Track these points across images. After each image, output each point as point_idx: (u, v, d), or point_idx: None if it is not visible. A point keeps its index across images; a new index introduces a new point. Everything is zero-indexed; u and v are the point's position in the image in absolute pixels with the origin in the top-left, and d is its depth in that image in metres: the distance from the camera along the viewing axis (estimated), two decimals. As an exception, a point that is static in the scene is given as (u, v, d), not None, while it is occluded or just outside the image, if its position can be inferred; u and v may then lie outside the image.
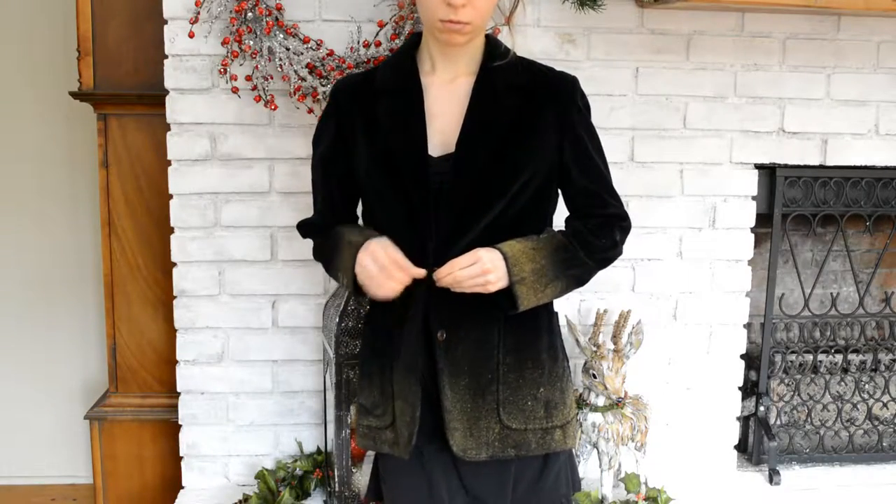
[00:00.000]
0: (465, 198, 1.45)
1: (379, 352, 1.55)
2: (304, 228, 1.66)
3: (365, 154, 1.50)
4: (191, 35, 2.09)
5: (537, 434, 1.51)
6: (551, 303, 1.57)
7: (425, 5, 1.42)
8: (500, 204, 1.45)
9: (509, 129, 1.47)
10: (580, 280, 1.52)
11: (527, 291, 1.43)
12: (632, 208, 2.30)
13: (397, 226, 1.47)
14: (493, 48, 1.51)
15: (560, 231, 1.53)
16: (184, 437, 2.35)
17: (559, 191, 1.57)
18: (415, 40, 1.55)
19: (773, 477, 2.41)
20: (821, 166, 2.38)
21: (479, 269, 1.40)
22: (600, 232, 1.52)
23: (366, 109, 1.50)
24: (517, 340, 1.51)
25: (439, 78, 1.50)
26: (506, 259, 1.42)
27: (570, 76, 1.54)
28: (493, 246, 1.44)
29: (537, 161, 1.47)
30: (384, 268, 1.40)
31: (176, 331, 2.30)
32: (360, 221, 1.63)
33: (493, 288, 1.42)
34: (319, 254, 1.63)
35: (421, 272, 1.42)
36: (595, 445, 2.19)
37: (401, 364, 1.49)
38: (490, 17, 1.47)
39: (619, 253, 1.56)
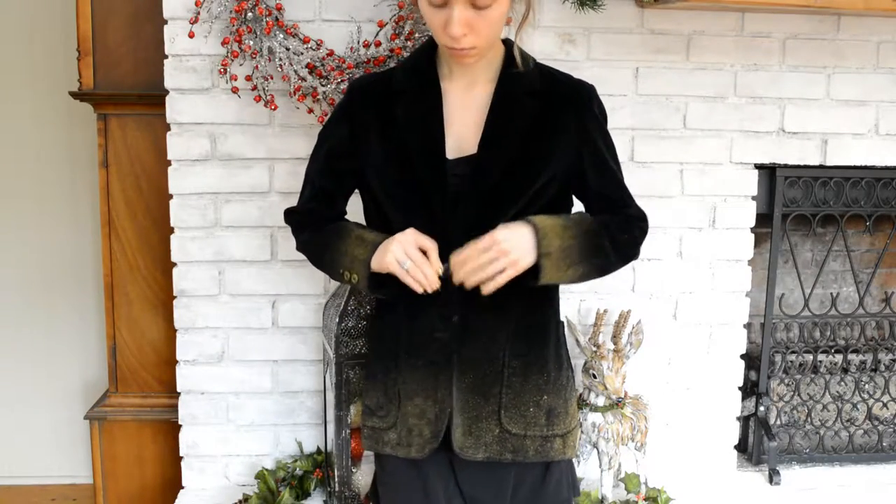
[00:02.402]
0: (482, 200, 1.45)
1: (383, 352, 1.54)
2: (292, 216, 1.62)
3: (379, 153, 1.49)
4: (191, 35, 2.09)
5: (536, 441, 1.51)
6: (559, 312, 1.59)
7: (430, 26, 1.41)
8: (515, 207, 1.45)
9: (528, 134, 1.47)
10: (602, 270, 1.50)
11: (550, 267, 1.41)
12: (632, 208, 2.31)
13: (413, 225, 1.45)
14: (512, 53, 1.51)
15: (593, 218, 1.51)
16: (184, 437, 2.35)
17: (574, 196, 1.58)
18: (433, 42, 1.53)
19: (773, 477, 2.41)
20: (821, 166, 2.38)
21: (497, 251, 1.37)
22: (625, 227, 1.52)
23: (382, 110, 1.50)
24: (526, 345, 1.51)
25: (457, 83, 1.50)
26: (536, 231, 1.40)
27: (587, 84, 1.55)
28: (524, 218, 1.42)
29: (554, 166, 1.48)
30: (420, 261, 1.39)
31: (176, 331, 2.30)
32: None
33: (520, 266, 1.39)
34: (311, 244, 1.59)
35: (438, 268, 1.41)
36: (595, 445, 2.19)
37: (419, 361, 1.48)
38: (499, 33, 1.46)
39: (638, 254, 1.56)
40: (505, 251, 1.37)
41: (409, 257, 1.39)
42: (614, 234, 1.49)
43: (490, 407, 1.49)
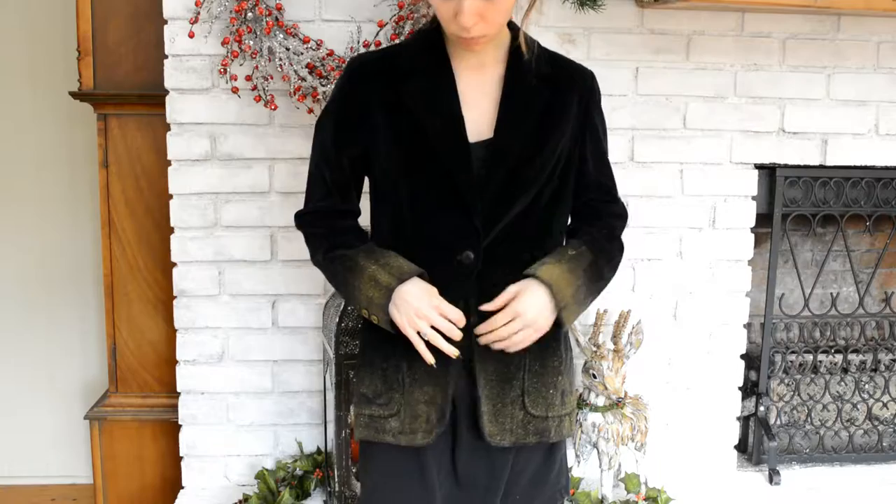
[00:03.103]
0: (502, 184, 1.44)
1: (381, 340, 1.51)
2: (303, 219, 1.56)
3: (388, 134, 1.46)
4: (191, 35, 2.09)
5: (555, 421, 1.53)
6: None
7: (439, 15, 1.40)
8: (532, 190, 1.45)
9: (541, 116, 1.47)
10: (600, 292, 1.55)
11: (569, 315, 1.47)
12: (632, 208, 2.29)
13: (432, 208, 1.44)
14: (518, 37, 1.50)
15: (581, 241, 1.53)
16: (184, 437, 2.35)
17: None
18: (438, 22, 1.49)
19: (773, 477, 2.41)
20: (821, 166, 2.38)
21: (521, 324, 1.41)
22: (611, 235, 1.56)
23: (388, 88, 1.46)
24: None
25: (467, 63, 1.48)
26: (549, 286, 1.42)
27: (589, 70, 1.56)
28: (532, 274, 1.43)
29: (564, 150, 1.48)
30: (440, 327, 1.40)
31: (176, 331, 2.30)
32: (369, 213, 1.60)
33: (546, 329, 1.44)
34: (324, 268, 1.54)
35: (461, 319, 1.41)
36: (595, 445, 2.19)
37: (435, 352, 1.46)
38: (508, 18, 1.44)
39: (622, 256, 1.59)
40: (530, 323, 1.41)
41: (434, 324, 1.39)
42: (604, 247, 1.53)
43: (514, 392, 1.49)
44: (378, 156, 1.48)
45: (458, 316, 1.41)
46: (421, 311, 1.39)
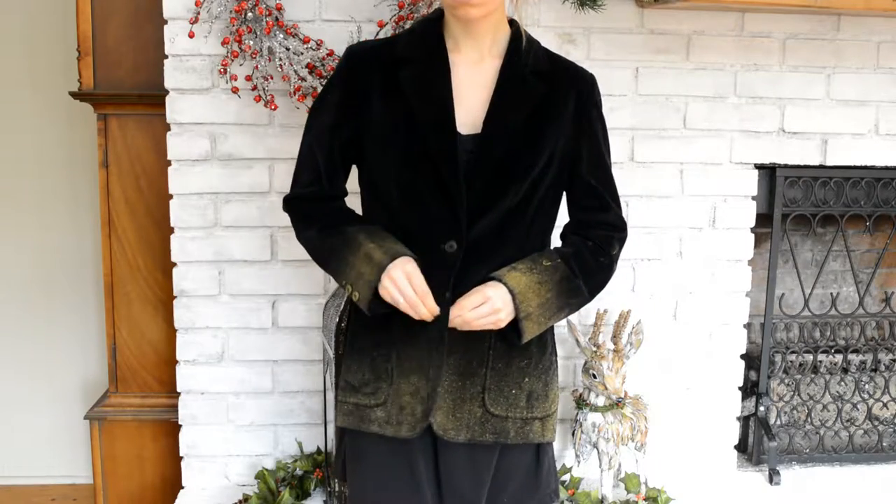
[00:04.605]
0: (488, 177, 1.44)
1: (375, 327, 1.51)
2: (292, 203, 1.56)
3: (381, 121, 1.47)
4: (191, 35, 2.09)
5: (517, 423, 1.52)
6: None
7: None
8: (521, 187, 1.45)
9: (533, 113, 1.47)
10: (579, 307, 1.54)
11: (531, 326, 1.46)
12: (632, 208, 2.31)
13: (421, 196, 1.45)
14: (518, 34, 1.50)
15: (559, 251, 1.52)
16: (184, 437, 2.35)
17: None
18: (438, 14, 1.51)
19: (773, 477, 2.41)
20: (821, 166, 2.39)
21: (490, 309, 1.42)
22: (599, 249, 1.54)
23: (385, 76, 1.47)
24: (510, 328, 1.50)
25: (465, 57, 1.48)
26: (513, 295, 1.43)
27: (589, 73, 1.55)
28: (499, 278, 1.44)
29: (556, 149, 1.48)
30: (414, 302, 1.41)
31: (176, 331, 2.30)
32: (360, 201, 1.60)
33: (503, 324, 1.44)
34: (316, 244, 1.54)
35: (435, 309, 1.42)
36: (595, 445, 2.19)
37: (419, 339, 1.47)
38: None
39: (613, 272, 1.57)
40: (497, 309, 1.42)
41: (402, 295, 1.40)
42: (587, 262, 1.51)
43: (474, 388, 1.49)
44: (372, 141, 1.48)
45: (422, 285, 1.40)
46: (391, 274, 1.40)
